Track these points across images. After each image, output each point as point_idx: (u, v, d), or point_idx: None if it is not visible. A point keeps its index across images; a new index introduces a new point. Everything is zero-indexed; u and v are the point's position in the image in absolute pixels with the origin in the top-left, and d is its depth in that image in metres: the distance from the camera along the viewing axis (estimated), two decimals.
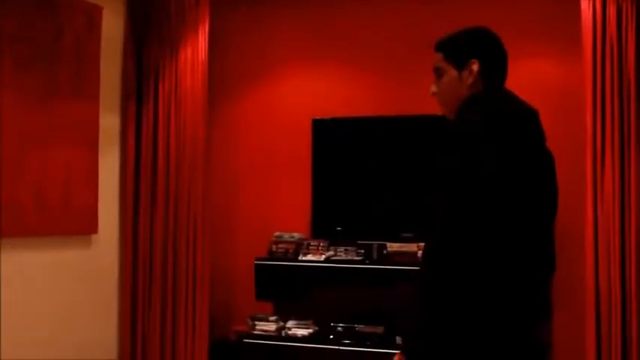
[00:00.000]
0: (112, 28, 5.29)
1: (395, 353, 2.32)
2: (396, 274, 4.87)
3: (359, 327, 5.01)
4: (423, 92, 2.82)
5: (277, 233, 5.37)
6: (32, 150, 4.66)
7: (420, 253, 4.86)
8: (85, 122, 5.03)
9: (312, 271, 5.13)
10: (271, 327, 5.18)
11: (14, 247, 4.58)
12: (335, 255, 5.15)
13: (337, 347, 4.88)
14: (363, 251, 5.11)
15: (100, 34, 5.13)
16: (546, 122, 2.45)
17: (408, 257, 4.91)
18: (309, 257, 5.18)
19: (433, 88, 2.55)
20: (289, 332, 5.13)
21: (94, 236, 5.15)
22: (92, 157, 5.09)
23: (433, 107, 2.65)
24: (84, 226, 5.05)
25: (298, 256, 5.21)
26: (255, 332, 5.17)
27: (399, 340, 4.73)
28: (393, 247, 5.01)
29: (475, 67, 2.46)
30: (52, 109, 4.79)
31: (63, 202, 4.85)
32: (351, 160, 5.30)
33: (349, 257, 5.11)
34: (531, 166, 2.35)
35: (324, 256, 5.14)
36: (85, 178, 5.03)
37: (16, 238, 4.59)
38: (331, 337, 4.99)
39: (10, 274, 4.56)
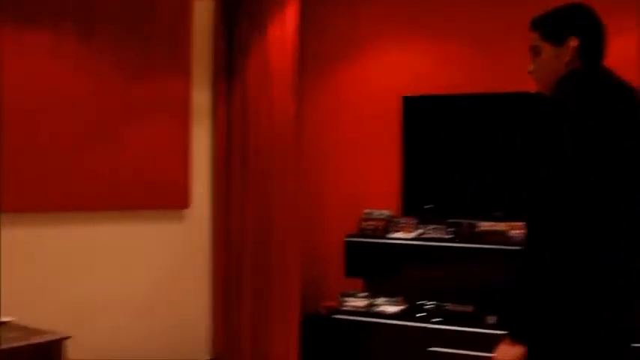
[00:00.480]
0: (203, 6, 5.36)
1: (487, 333, 2.30)
2: (486, 253, 4.81)
3: (448, 305, 4.98)
4: (515, 69, 2.78)
5: (367, 210, 5.37)
6: (129, 126, 4.80)
7: (511, 232, 4.79)
8: (178, 98, 5.14)
9: (402, 248, 5.11)
10: (361, 303, 5.19)
11: (112, 219, 4.75)
12: (424, 233, 5.12)
13: (426, 325, 4.86)
14: (453, 229, 5.06)
15: (191, 12, 5.21)
16: None
17: (498, 236, 4.84)
18: (399, 235, 5.16)
19: (530, 67, 2.51)
20: (379, 309, 5.14)
21: (185, 211, 5.27)
22: (185, 132, 5.20)
23: (525, 84, 2.60)
24: (176, 200, 5.18)
25: (388, 233, 5.20)
26: (345, 308, 5.20)
27: (489, 319, 4.68)
28: (483, 225, 4.95)
29: (573, 44, 2.40)
30: (147, 86, 4.90)
31: (157, 177, 4.98)
32: (441, 138, 5.23)
33: (439, 235, 5.07)
34: (629, 144, 2.29)
35: (413, 234, 5.12)
36: (178, 154, 5.14)
37: (114, 211, 4.77)
38: (420, 314, 4.97)
39: (108, 245, 4.73)
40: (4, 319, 3.88)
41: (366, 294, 5.25)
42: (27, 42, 4.27)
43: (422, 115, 5.29)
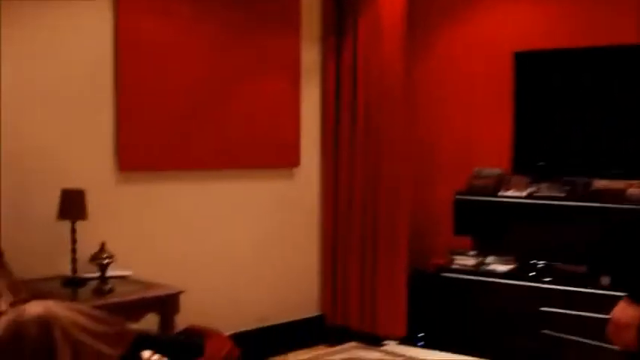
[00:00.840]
0: None
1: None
2: (601, 212, 4.66)
3: (560, 265, 4.88)
4: (633, 20, 2.65)
5: (477, 168, 5.29)
6: (241, 85, 4.89)
7: (628, 190, 4.63)
8: (288, 57, 5.19)
9: (513, 207, 5.02)
10: (470, 262, 5.15)
11: (224, 177, 4.87)
12: (537, 191, 5.01)
13: (537, 285, 4.78)
14: (566, 188, 4.92)
15: None
16: None
17: (615, 195, 4.67)
18: (510, 193, 5.07)
19: None
20: (488, 268, 5.09)
21: (295, 169, 5.34)
22: (294, 91, 5.25)
23: None
24: (287, 159, 5.26)
25: (498, 191, 5.12)
26: (454, 266, 5.18)
27: (603, 280, 4.56)
28: (599, 183, 4.79)
29: None
30: (258, 45, 4.97)
31: (268, 136, 5.07)
32: (554, 94, 5.07)
33: (552, 193, 4.94)
34: None
35: (525, 192, 5.01)
36: (288, 113, 5.21)
37: (227, 169, 4.89)
38: (531, 274, 4.89)
39: (220, 203, 4.87)
40: (123, 273, 4.06)
41: (476, 252, 5.20)
42: (141, 3, 4.39)
43: (534, 71, 5.14)
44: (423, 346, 5.15)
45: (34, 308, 2.71)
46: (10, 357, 2.64)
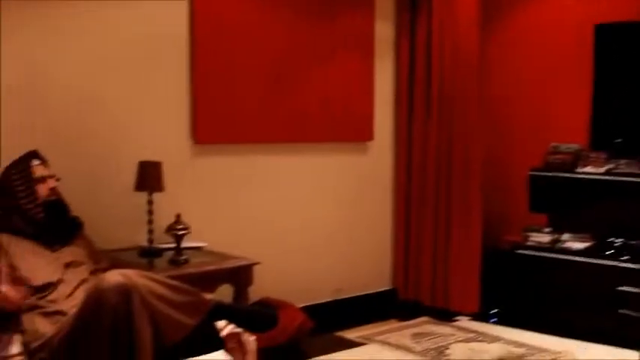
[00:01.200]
0: None
1: None
2: None
3: (638, 243, 4.76)
4: None
5: (554, 144, 5.19)
6: (316, 61, 4.91)
7: None
8: (362, 33, 5.18)
9: (591, 183, 4.91)
10: (545, 239, 5.08)
11: (299, 151, 4.92)
12: (615, 168, 4.89)
13: (615, 263, 4.68)
14: None
15: None
16: None
17: None
18: (588, 169, 4.96)
19: None
20: (564, 245, 5.00)
21: (369, 143, 5.33)
22: (368, 66, 5.24)
23: None
24: (361, 133, 5.27)
25: (575, 167, 5.01)
26: (529, 243, 5.11)
27: None
28: None
29: None
30: (333, 22, 4.97)
31: (343, 111, 5.08)
32: (635, 68, 4.93)
33: (632, 170, 4.82)
34: None
35: (603, 169, 4.90)
36: (363, 88, 5.21)
37: (302, 143, 4.93)
38: (608, 252, 4.79)
39: (296, 176, 4.93)
40: (198, 244, 4.14)
41: (551, 229, 5.12)
42: None
43: (615, 44, 4.99)
44: (495, 323, 5.11)
45: (114, 277, 2.78)
46: (92, 322, 2.73)
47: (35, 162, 3.33)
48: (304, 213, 4.98)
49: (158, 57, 4.22)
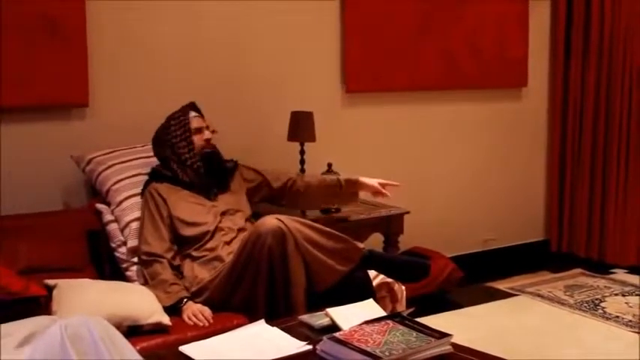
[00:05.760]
0: None
1: None
2: None
3: None
4: None
5: None
6: (467, 4, 4.78)
7: None
8: None
9: None
10: None
11: (451, 98, 4.86)
12: None
13: None
14: None
15: None
16: None
17: None
18: None
19: None
20: None
21: (523, 89, 5.19)
22: (523, 9, 5.06)
23: None
24: (514, 79, 5.12)
25: None
26: None
27: None
28: None
29: None
30: None
31: (496, 56, 4.95)
32: None
33: None
34: None
35: None
36: (516, 32, 5.04)
37: (453, 90, 4.85)
38: None
39: (446, 123, 4.87)
40: None
41: None
42: None
43: None
44: None
45: (271, 221, 2.90)
46: (251, 261, 2.88)
47: (192, 114, 3.42)
48: (454, 162, 4.92)
49: (310, 7, 4.24)
